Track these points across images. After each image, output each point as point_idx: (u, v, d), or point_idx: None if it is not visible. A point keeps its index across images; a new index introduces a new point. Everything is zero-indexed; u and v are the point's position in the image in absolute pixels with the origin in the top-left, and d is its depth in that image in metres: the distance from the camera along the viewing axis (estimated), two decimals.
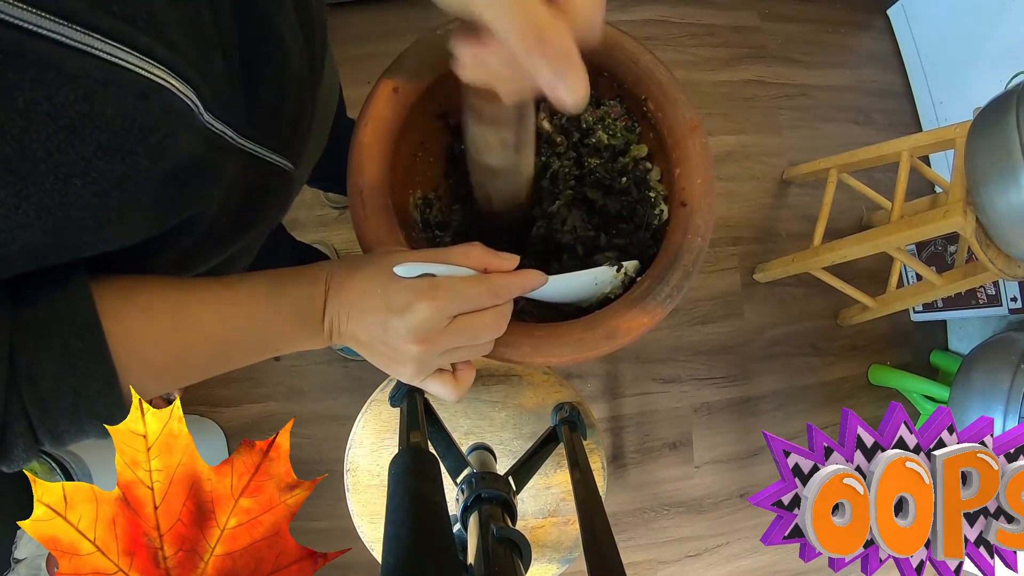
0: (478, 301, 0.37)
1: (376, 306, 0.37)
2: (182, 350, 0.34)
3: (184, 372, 0.35)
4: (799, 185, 1.54)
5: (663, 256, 0.49)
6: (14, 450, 0.28)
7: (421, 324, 0.36)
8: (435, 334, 0.36)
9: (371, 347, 0.38)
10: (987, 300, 1.34)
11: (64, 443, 0.30)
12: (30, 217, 0.24)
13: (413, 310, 0.35)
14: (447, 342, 0.37)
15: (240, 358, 0.37)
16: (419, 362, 0.38)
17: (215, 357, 0.36)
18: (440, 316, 0.36)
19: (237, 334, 0.36)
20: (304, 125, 0.48)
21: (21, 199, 0.24)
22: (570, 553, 0.76)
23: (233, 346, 0.36)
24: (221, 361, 0.36)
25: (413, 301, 0.36)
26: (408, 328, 0.36)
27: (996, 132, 0.94)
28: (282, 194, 0.49)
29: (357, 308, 0.37)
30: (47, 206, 0.25)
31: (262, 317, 0.36)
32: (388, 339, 0.37)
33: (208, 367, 0.36)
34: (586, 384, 1.42)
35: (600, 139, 0.57)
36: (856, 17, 1.65)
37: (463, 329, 0.37)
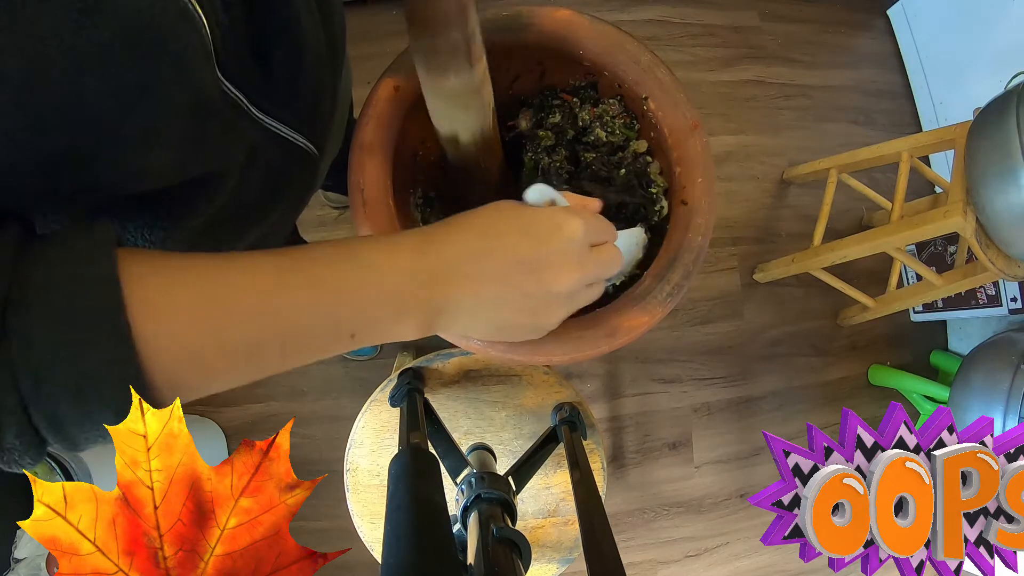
0: (605, 232, 0.36)
1: (518, 242, 0.32)
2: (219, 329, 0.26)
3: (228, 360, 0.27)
4: (799, 185, 1.54)
5: (663, 255, 0.49)
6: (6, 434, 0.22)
7: (576, 244, 0.33)
8: (586, 259, 0.34)
9: (503, 305, 0.32)
10: (987, 300, 1.34)
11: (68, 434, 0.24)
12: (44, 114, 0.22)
13: (565, 231, 0.33)
14: (593, 270, 0.34)
15: (306, 345, 0.29)
16: (571, 298, 0.34)
17: (267, 342, 0.28)
18: (586, 239, 0.34)
19: (294, 311, 0.28)
20: (325, 107, 0.47)
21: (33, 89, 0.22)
22: (570, 553, 0.76)
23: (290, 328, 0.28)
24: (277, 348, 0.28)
25: (565, 221, 0.33)
26: (566, 253, 0.32)
27: (996, 132, 0.94)
28: (305, 177, 0.47)
29: (486, 254, 0.31)
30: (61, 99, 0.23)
31: (326, 289, 0.28)
32: (538, 279, 0.32)
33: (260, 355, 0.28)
34: (586, 384, 1.42)
35: (598, 136, 0.57)
36: (856, 17, 1.65)
37: (602, 257, 0.35)
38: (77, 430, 0.24)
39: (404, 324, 0.31)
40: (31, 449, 0.23)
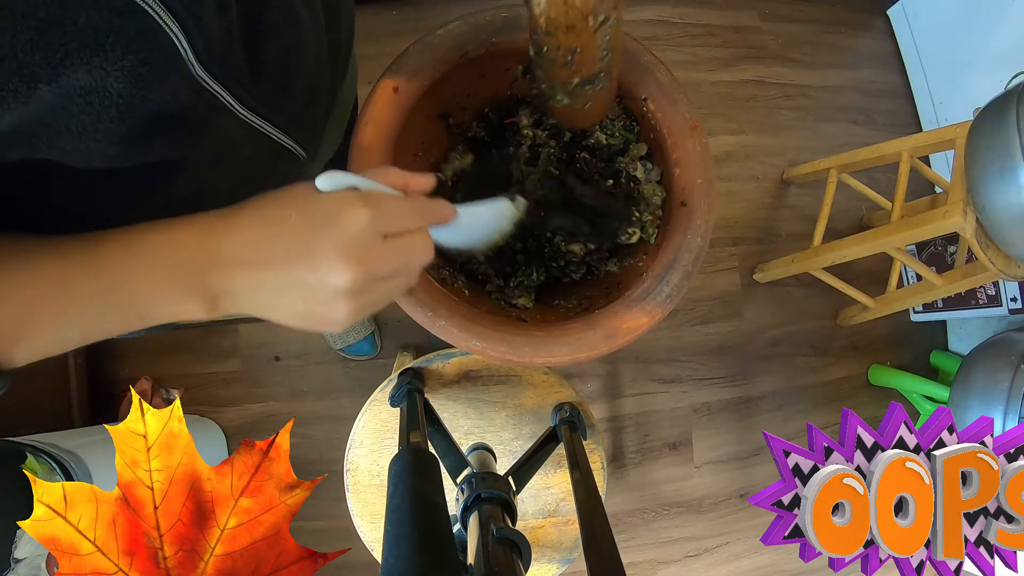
0: (408, 219, 0.34)
1: (291, 229, 0.31)
2: (29, 307, 0.29)
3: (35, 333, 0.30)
4: (799, 185, 1.54)
5: (663, 256, 0.49)
6: None
7: (356, 237, 0.31)
8: (371, 251, 0.31)
9: (284, 294, 0.32)
10: (987, 300, 1.34)
11: None
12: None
13: (344, 220, 0.31)
14: (382, 264, 0.32)
15: (100, 325, 0.32)
16: (355, 294, 0.32)
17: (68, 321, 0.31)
18: (374, 229, 0.32)
19: (88, 295, 0.30)
20: (319, 111, 0.46)
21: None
22: (570, 553, 0.76)
23: (86, 309, 0.31)
24: (76, 325, 0.31)
25: (343, 210, 0.31)
26: (340, 245, 0.30)
27: (996, 132, 0.94)
28: (290, 175, 0.46)
29: (263, 239, 0.31)
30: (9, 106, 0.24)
31: (111, 275, 0.31)
32: (313, 271, 0.31)
33: (63, 332, 0.31)
34: (586, 384, 1.42)
35: (599, 139, 0.57)
36: (856, 17, 1.65)
37: (397, 249, 0.33)
38: None
39: (186, 305, 0.32)
40: None
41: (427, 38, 0.50)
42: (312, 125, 0.46)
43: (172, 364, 1.29)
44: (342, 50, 0.48)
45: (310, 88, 0.43)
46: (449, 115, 0.58)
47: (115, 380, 1.26)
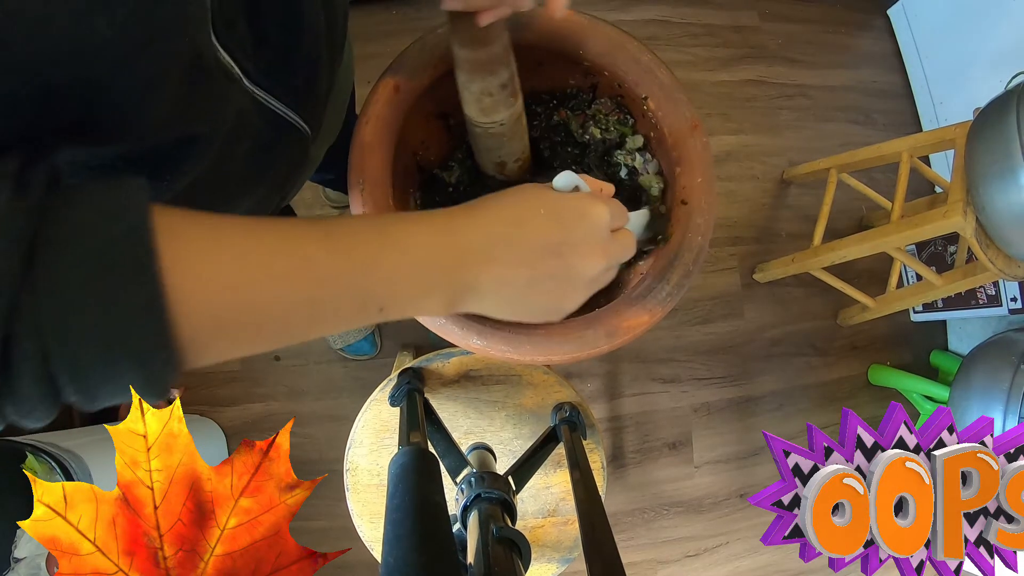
0: (622, 216, 0.38)
1: (544, 228, 0.33)
2: (252, 288, 0.25)
3: (257, 320, 0.26)
4: (799, 185, 1.54)
5: (663, 255, 0.49)
6: (22, 380, 0.21)
7: (602, 231, 0.35)
8: (609, 243, 0.36)
9: (534, 289, 0.33)
10: (987, 300, 1.34)
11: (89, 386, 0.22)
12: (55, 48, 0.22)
13: (593, 215, 0.35)
14: (614, 254, 0.36)
15: (333, 313, 0.28)
16: (595, 280, 0.36)
17: (297, 306, 0.27)
18: (609, 223, 0.36)
19: (326, 278, 0.27)
20: (321, 87, 0.47)
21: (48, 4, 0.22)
22: (570, 553, 0.76)
23: (321, 294, 0.27)
24: (306, 313, 0.27)
25: (589, 208, 0.35)
26: (592, 238, 0.34)
27: (996, 132, 0.94)
28: (294, 155, 0.47)
29: (513, 241, 0.32)
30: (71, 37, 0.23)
31: (359, 259, 0.28)
32: (565, 263, 0.33)
33: (290, 319, 0.27)
34: (586, 384, 1.42)
35: (593, 135, 0.57)
36: (856, 17, 1.65)
37: (621, 243, 0.37)
38: (98, 379, 0.22)
39: (430, 301, 0.31)
40: (46, 401, 0.22)
41: (427, 38, 0.50)
42: (314, 101, 0.47)
43: None
44: (338, 24, 0.48)
45: (311, 62, 0.43)
46: (449, 115, 0.58)
47: None
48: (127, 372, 0.22)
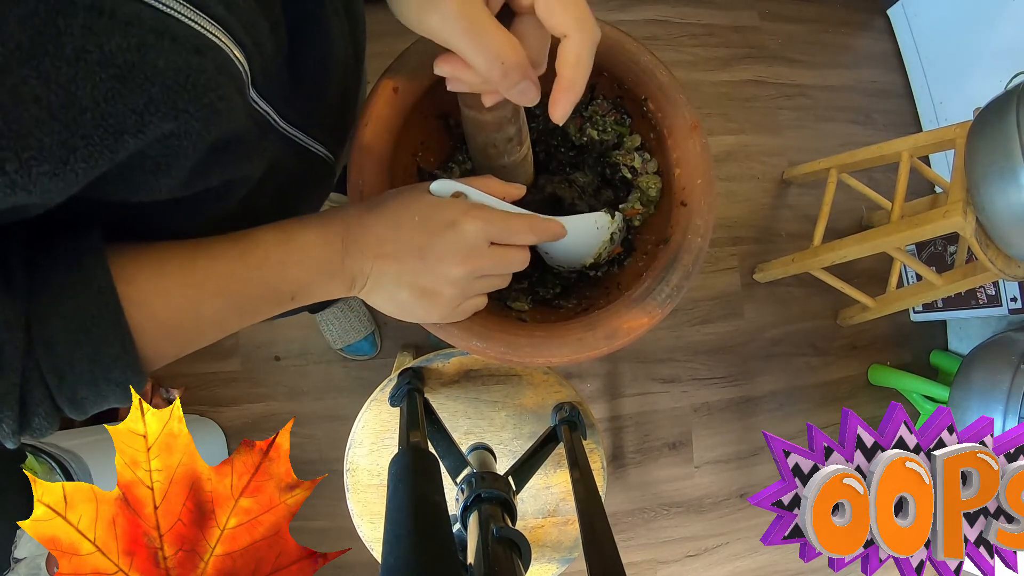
0: (515, 232, 0.40)
1: (413, 233, 0.37)
2: (194, 307, 0.33)
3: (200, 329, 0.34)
4: (799, 185, 1.54)
5: (663, 256, 0.49)
6: (34, 418, 0.28)
7: (467, 242, 0.37)
8: (477, 255, 0.38)
9: (400, 282, 0.38)
10: (987, 300, 1.34)
11: (85, 409, 0.30)
12: (78, 174, 0.24)
13: (460, 227, 0.37)
14: (484, 266, 0.38)
15: (257, 310, 0.36)
16: (459, 287, 0.38)
17: (229, 311, 0.35)
18: (483, 237, 0.38)
19: (248, 286, 0.35)
20: (348, 116, 0.49)
21: (69, 150, 0.23)
22: (570, 553, 0.76)
23: (246, 299, 0.35)
24: (236, 315, 0.35)
25: (459, 219, 0.37)
26: (453, 247, 0.37)
27: (996, 132, 0.94)
28: (323, 183, 0.50)
29: (389, 238, 0.37)
30: (96, 160, 0.24)
31: (271, 266, 0.35)
32: (427, 266, 0.37)
33: (224, 322, 0.35)
34: (586, 384, 1.42)
35: (591, 136, 0.57)
36: (856, 17, 1.65)
37: (499, 256, 0.39)
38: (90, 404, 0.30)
39: (331, 286, 0.38)
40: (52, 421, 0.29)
41: (427, 39, 0.50)
42: (342, 131, 0.48)
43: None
44: (361, 54, 0.50)
45: (341, 95, 0.45)
46: (449, 115, 0.58)
47: None
48: (112, 394, 0.30)
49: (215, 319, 0.34)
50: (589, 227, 0.49)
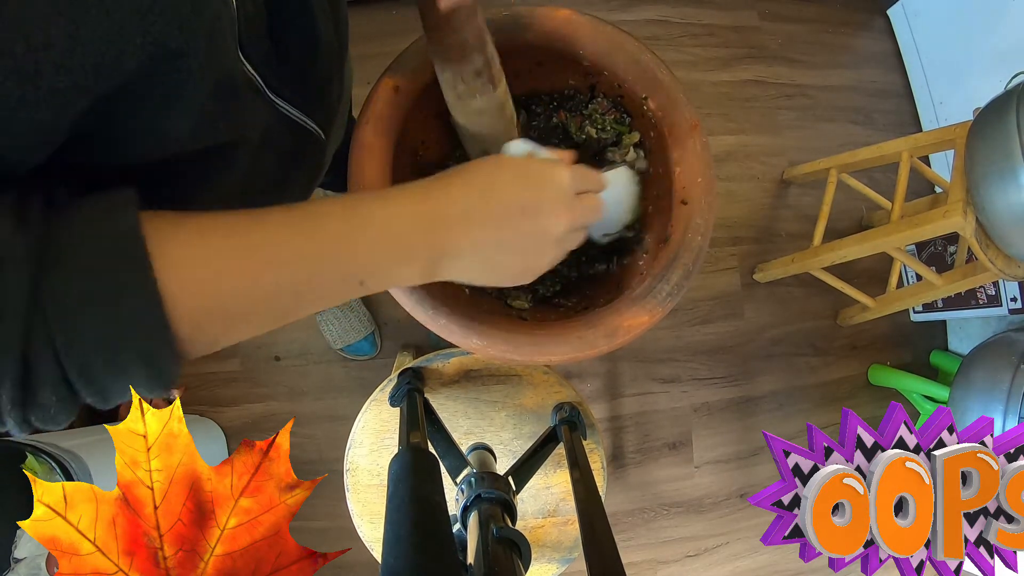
0: (589, 181, 0.40)
1: (512, 193, 0.35)
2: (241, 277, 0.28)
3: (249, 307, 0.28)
4: (799, 185, 1.54)
5: (663, 255, 0.49)
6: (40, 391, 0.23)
7: (567, 193, 0.37)
8: (575, 206, 0.37)
9: (504, 248, 0.35)
10: (987, 300, 1.34)
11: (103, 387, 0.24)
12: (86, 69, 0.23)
13: (558, 178, 0.36)
14: (580, 216, 0.38)
15: (316, 292, 0.31)
16: (562, 240, 0.37)
17: (284, 289, 0.29)
18: (574, 185, 0.37)
19: (307, 261, 0.29)
20: (334, 92, 0.50)
21: (74, 42, 0.22)
22: (570, 553, 0.76)
23: (306, 275, 0.29)
24: (292, 294, 0.29)
25: (553, 171, 0.37)
26: (557, 199, 0.36)
27: (996, 132, 0.94)
28: (314, 160, 0.50)
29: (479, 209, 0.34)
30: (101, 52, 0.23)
31: (338, 242, 0.30)
32: (535, 224, 0.35)
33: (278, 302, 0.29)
34: (586, 384, 1.42)
35: (589, 134, 0.57)
36: (856, 17, 1.65)
37: (587, 205, 0.39)
38: (110, 381, 0.24)
39: (409, 268, 0.33)
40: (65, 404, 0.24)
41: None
42: (328, 107, 0.49)
43: None
44: (343, 32, 0.50)
45: (325, 71, 0.45)
46: (449, 114, 0.58)
47: None
48: (135, 371, 0.24)
49: (263, 297, 0.28)
50: (624, 181, 0.50)
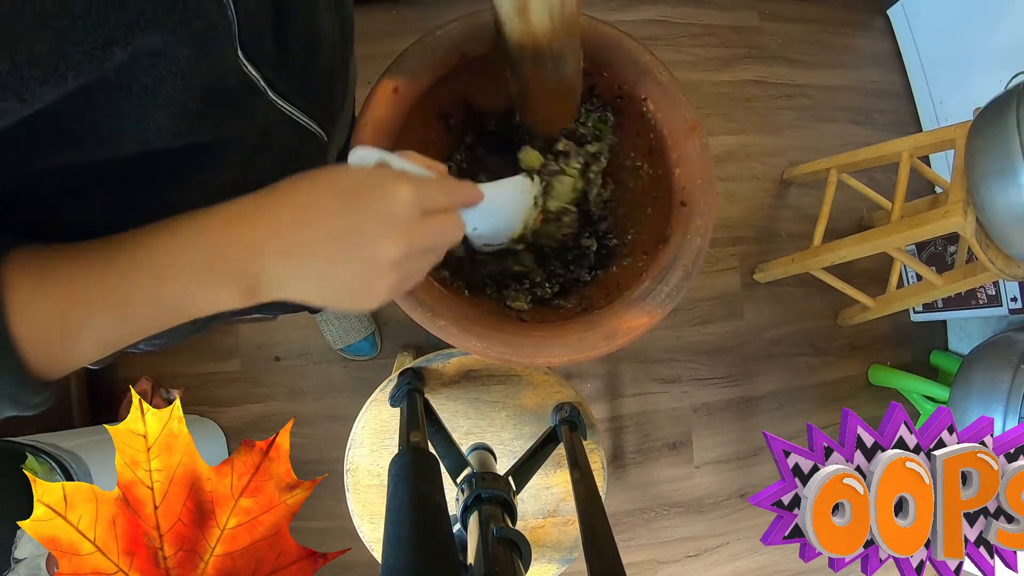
0: (443, 198, 0.35)
1: (334, 210, 0.31)
2: (77, 319, 0.30)
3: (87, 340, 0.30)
4: (799, 185, 1.54)
5: (663, 256, 0.49)
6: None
7: (403, 211, 0.32)
8: (413, 226, 0.32)
9: (331, 273, 0.32)
10: (987, 300, 1.34)
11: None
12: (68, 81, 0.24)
13: (392, 194, 0.32)
14: (421, 239, 0.33)
15: (142, 324, 0.32)
16: (399, 265, 0.33)
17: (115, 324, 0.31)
18: (415, 205, 0.32)
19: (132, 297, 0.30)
20: (338, 94, 0.49)
21: (60, 57, 0.23)
22: (570, 553, 0.76)
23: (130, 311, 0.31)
24: (123, 327, 0.31)
25: (387, 186, 0.32)
26: (388, 219, 0.31)
27: (996, 132, 0.94)
28: (315, 162, 0.49)
29: (303, 224, 0.31)
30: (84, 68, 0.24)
31: (147, 274, 0.31)
32: (359, 245, 0.31)
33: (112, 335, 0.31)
34: (586, 384, 1.42)
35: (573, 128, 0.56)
36: (856, 17, 1.65)
37: (435, 226, 0.34)
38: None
39: (222, 295, 0.31)
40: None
41: (427, 38, 0.50)
42: (331, 107, 0.48)
43: (172, 364, 1.29)
44: (347, 32, 0.50)
45: (328, 70, 0.45)
46: (449, 116, 0.58)
47: (115, 380, 1.26)
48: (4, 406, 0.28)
49: (99, 332, 0.31)
50: (511, 192, 0.46)
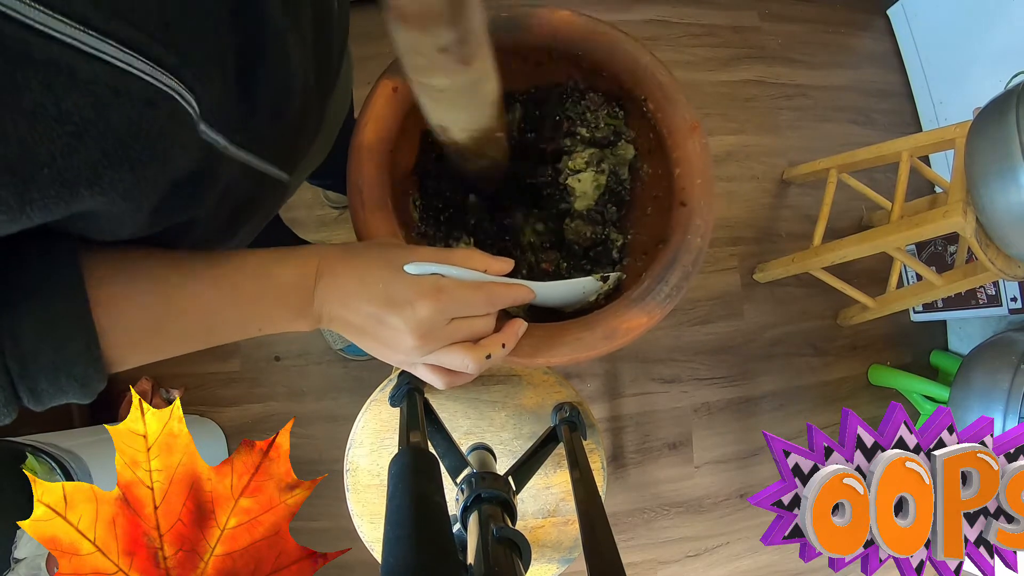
0: (476, 307, 0.40)
1: (375, 297, 0.38)
2: (161, 321, 0.34)
3: (164, 344, 0.35)
4: (799, 185, 1.54)
5: (662, 256, 0.49)
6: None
7: (423, 322, 0.38)
8: (434, 332, 0.39)
9: (362, 332, 0.39)
10: (987, 300, 1.34)
11: (43, 401, 0.31)
12: (33, 220, 0.24)
13: (416, 308, 0.38)
14: (441, 339, 0.39)
15: (222, 335, 0.38)
16: (411, 354, 0.40)
17: (196, 331, 0.36)
18: (441, 318, 0.39)
19: (218, 312, 0.36)
20: (306, 139, 0.48)
21: (24, 202, 0.23)
22: (570, 553, 0.76)
23: (214, 322, 0.36)
24: (202, 336, 0.37)
25: (416, 299, 0.38)
26: (408, 325, 0.38)
27: (996, 132, 0.94)
28: (274, 200, 0.48)
29: (354, 295, 0.38)
30: (51, 210, 0.24)
31: (245, 298, 0.37)
32: (384, 330, 0.38)
33: (189, 341, 0.36)
34: (586, 384, 1.42)
35: (581, 135, 0.56)
36: (856, 17, 1.65)
37: (459, 329, 0.40)
38: (49, 398, 0.30)
39: (297, 324, 0.39)
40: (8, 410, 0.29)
41: None
42: (298, 151, 0.47)
43: (172, 364, 1.29)
44: (330, 68, 0.49)
45: (299, 115, 0.43)
46: None
47: (115, 380, 1.26)
48: (71, 389, 0.30)
49: (181, 335, 0.35)
50: (575, 291, 0.49)
